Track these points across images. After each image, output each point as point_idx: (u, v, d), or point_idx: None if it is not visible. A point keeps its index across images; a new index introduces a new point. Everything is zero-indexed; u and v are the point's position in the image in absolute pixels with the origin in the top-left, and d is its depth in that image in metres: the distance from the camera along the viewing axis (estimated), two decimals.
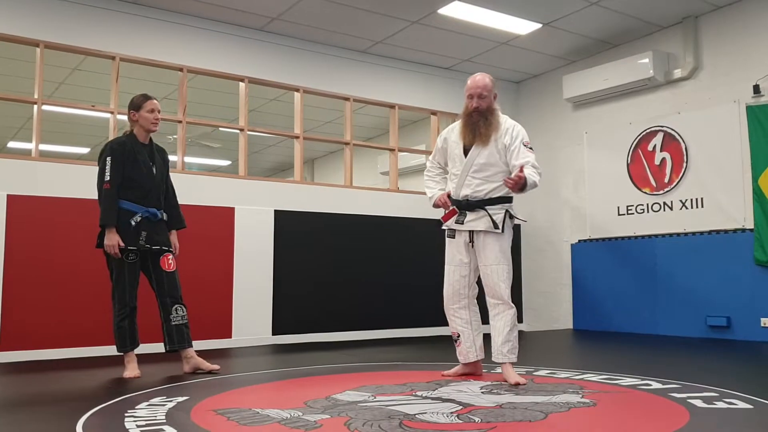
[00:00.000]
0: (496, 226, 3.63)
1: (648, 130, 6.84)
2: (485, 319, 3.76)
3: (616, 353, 5.24)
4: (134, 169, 4.04)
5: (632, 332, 6.74)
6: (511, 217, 3.71)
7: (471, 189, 3.71)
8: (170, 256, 4.15)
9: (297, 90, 6.83)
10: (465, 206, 3.71)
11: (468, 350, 3.79)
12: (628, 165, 7.02)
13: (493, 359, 3.64)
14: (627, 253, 6.94)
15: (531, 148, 3.66)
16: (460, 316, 3.80)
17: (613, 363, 4.51)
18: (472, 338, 3.79)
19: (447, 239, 3.83)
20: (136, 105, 4.12)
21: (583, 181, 7.51)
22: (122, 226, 3.98)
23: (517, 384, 3.45)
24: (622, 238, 7.02)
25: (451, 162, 3.85)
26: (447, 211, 3.77)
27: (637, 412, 2.81)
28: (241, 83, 6.54)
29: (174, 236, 4.30)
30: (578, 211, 7.55)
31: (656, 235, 6.70)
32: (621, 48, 7.12)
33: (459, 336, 3.81)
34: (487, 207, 3.67)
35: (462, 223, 3.71)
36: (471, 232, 3.71)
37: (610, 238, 7.15)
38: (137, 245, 4.02)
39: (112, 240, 3.92)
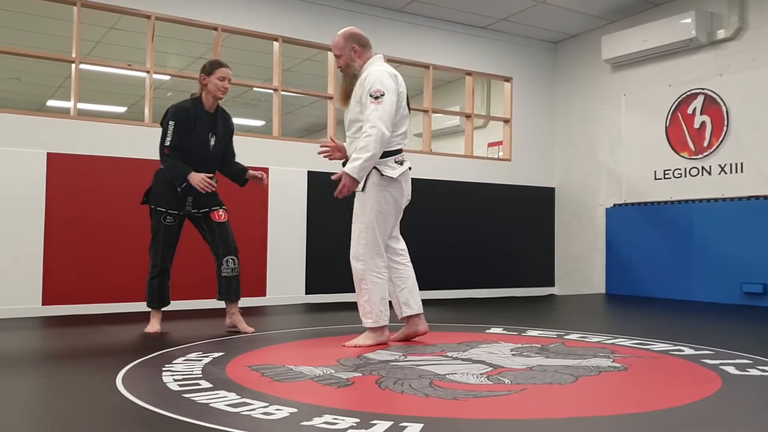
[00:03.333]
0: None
1: (688, 93, 6.67)
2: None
3: (648, 318, 5.21)
4: (191, 137, 4.02)
5: (666, 298, 6.68)
6: (382, 175, 3.47)
7: (350, 150, 3.61)
8: (221, 210, 4.17)
9: (330, 50, 6.78)
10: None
11: (396, 308, 3.69)
12: (666, 128, 6.87)
13: None
14: (663, 218, 6.84)
15: (379, 97, 3.38)
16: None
17: (646, 328, 4.48)
18: (395, 295, 3.67)
19: None
20: (207, 70, 4.06)
21: (620, 144, 7.38)
22: (168, 189, 4.03)
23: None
24: (659, 202, 6.91)
25: None
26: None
27: (668, 378, 2.81)
28: (275, 43, 6.53)
29: (250, 172, 4.27)
30: (614, 174, 7.44)
31: (693, 200, 6.58)
32: (662, 7, 6.90)
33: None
34: None
35: None
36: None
37: (646, 203, 7.05)
38: (183, 210, 4.08)
39: (196, 179, 3.92)
